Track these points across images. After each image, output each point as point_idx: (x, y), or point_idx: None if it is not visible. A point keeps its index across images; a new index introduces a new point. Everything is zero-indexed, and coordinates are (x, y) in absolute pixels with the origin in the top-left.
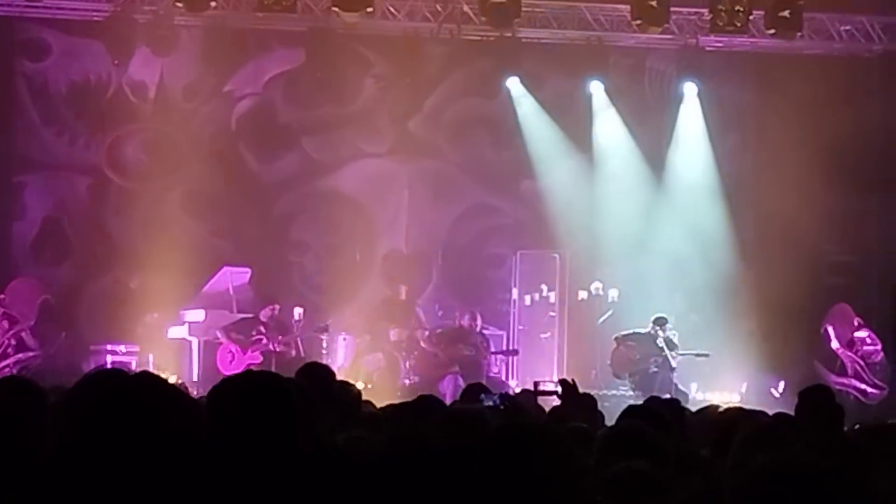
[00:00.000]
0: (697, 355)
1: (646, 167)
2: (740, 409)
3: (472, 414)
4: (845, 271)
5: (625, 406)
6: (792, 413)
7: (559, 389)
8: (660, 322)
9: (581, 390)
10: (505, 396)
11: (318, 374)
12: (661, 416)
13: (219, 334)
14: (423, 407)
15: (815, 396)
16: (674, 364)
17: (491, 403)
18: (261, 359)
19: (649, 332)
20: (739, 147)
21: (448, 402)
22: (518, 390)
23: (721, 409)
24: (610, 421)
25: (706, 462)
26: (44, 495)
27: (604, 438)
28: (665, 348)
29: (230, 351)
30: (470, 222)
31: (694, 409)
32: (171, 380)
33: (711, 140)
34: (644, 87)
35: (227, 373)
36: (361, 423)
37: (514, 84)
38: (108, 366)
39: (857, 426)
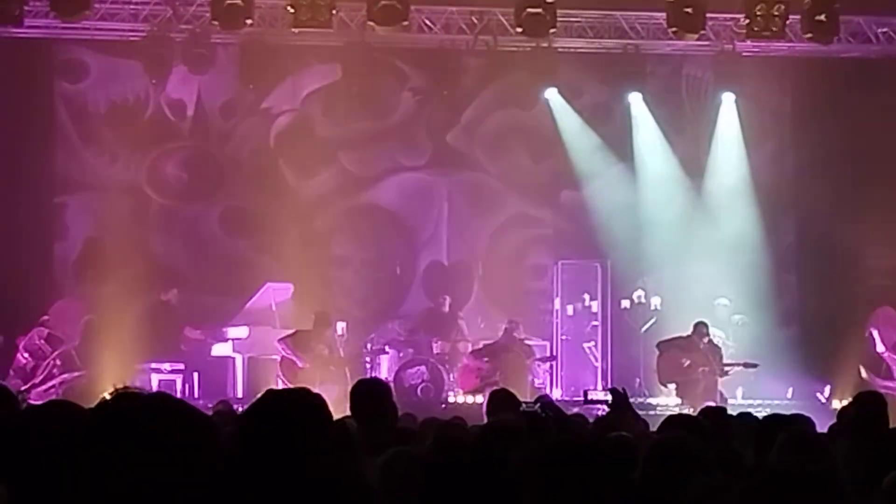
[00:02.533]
0: (746, 366)
1: (685, 175)
2: (781, 415)
3: (511, 427)
4: (888, 274)
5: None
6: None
7: (609, 398)
8: (700, 328)
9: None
10: (547, 405)
11: (374, 389)
12: (702, 425)
13: (278, 346)
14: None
15: (866, 402)
16: (719, 371)
17: (535, 410)
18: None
19: (691, 338)
20: (778, 152)
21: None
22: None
23: (764, 416)
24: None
25: (749, 467)
26: None
27: (648, 451)
28: (708, 354)
29: (291, 361)
30: (510, 233)
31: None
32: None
33: (750, 146)
34: (682, 95)
35: (292, 384)
36: (404, 438)
37: (551, 94)
38: (154, 384)
39: None
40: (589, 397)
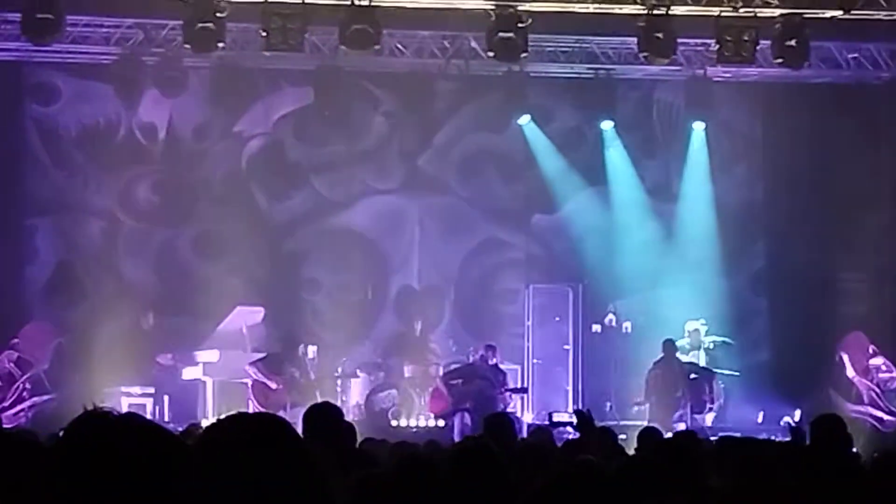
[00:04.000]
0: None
1: (656, 199)
2: (748, 438)
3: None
4: (859, 299)
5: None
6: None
7: (574, 420)
8: (668, 346)
9: (597, 423)
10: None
11: (327, 414)
12: (676, 449)
13: (250, 370)
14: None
15: (824, 424)
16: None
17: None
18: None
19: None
20: (749, 177)
21: (456, 438)
22: (533, 424)
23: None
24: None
25: (716, 492)
26: None
27: (616, 474)
28: (680, 377)
29: (264, 384)
30: (482, 257)
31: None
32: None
33: (720, 171)
34: (653, 120)
35: (263, 409)
36: (363, 462)
37: (523, 119)
38: (124, 408)
39: (875, 455)
40: (553, 419)
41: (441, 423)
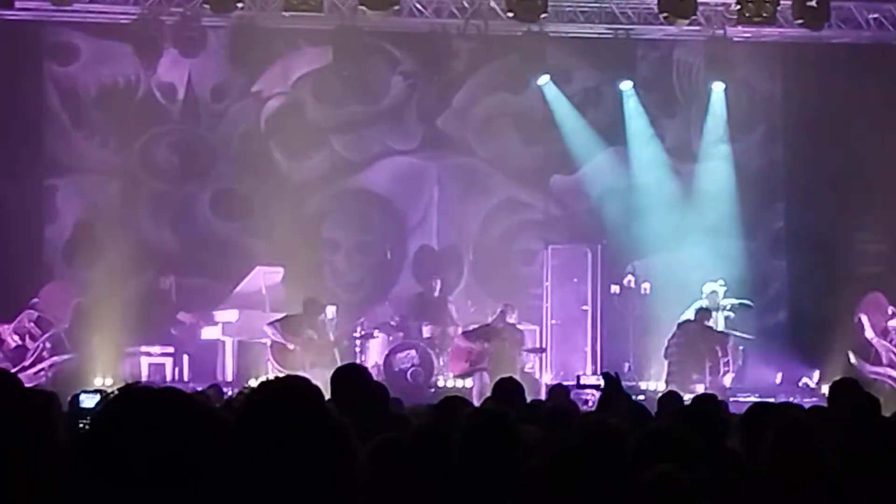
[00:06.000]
0: (744, 338)
1: (675, 160)
2: (771, 403)
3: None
4: (879, 260)
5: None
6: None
7: (601, 383)
8: (702, 313)
9: None
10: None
11: (355, 375)
12: (698, 414)
13: (268, 330)
14: (446, 408)
15: (846, 391)
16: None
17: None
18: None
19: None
20: (768, 138)
21: (476, 400)
22: (552, 384)
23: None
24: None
25: (737, 456)
26: None
27: (638, 440)
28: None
29: (282, 345)
30: (500, 218)
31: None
32: None
33: (740, 131)
34: (672, 80)
35: (281, 369)
36: (391, 424)
37: (542, 79)
38: (144, 368)
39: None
40: (581, 382)
41: (462, 383)
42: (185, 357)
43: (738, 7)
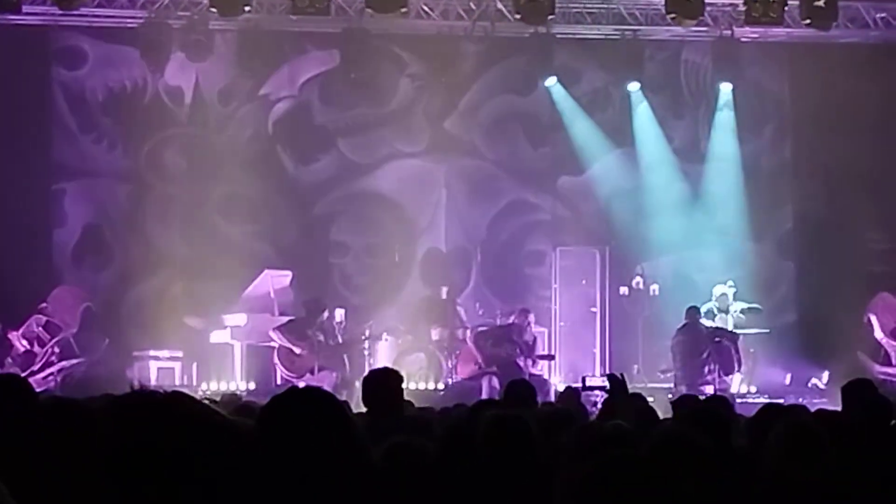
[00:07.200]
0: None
1: (683, 161)
2: (779, 405)
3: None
4: (888, 260)
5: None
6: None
7: (607, 385)
8: (692, 312)
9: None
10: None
11: (386, 380)
12: (710, 417)
13: (273, 336)
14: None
15: (861, 392)
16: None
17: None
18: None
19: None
20: (776, 138)
21: None
22: (561, 388)
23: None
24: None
25: (742, 455)
26: None
27: (651, 444)
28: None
29: (289, 349)
30: (508, 219)
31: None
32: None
33: (749, 131)
34: (680, 81)
35: (289, 373)
36: (405, 426)
37: (550, 80)
38: (153, 372)
39: None
40: (587, 383)
41: (466, 386)
42: (194, 361)
43: (746, 7)
